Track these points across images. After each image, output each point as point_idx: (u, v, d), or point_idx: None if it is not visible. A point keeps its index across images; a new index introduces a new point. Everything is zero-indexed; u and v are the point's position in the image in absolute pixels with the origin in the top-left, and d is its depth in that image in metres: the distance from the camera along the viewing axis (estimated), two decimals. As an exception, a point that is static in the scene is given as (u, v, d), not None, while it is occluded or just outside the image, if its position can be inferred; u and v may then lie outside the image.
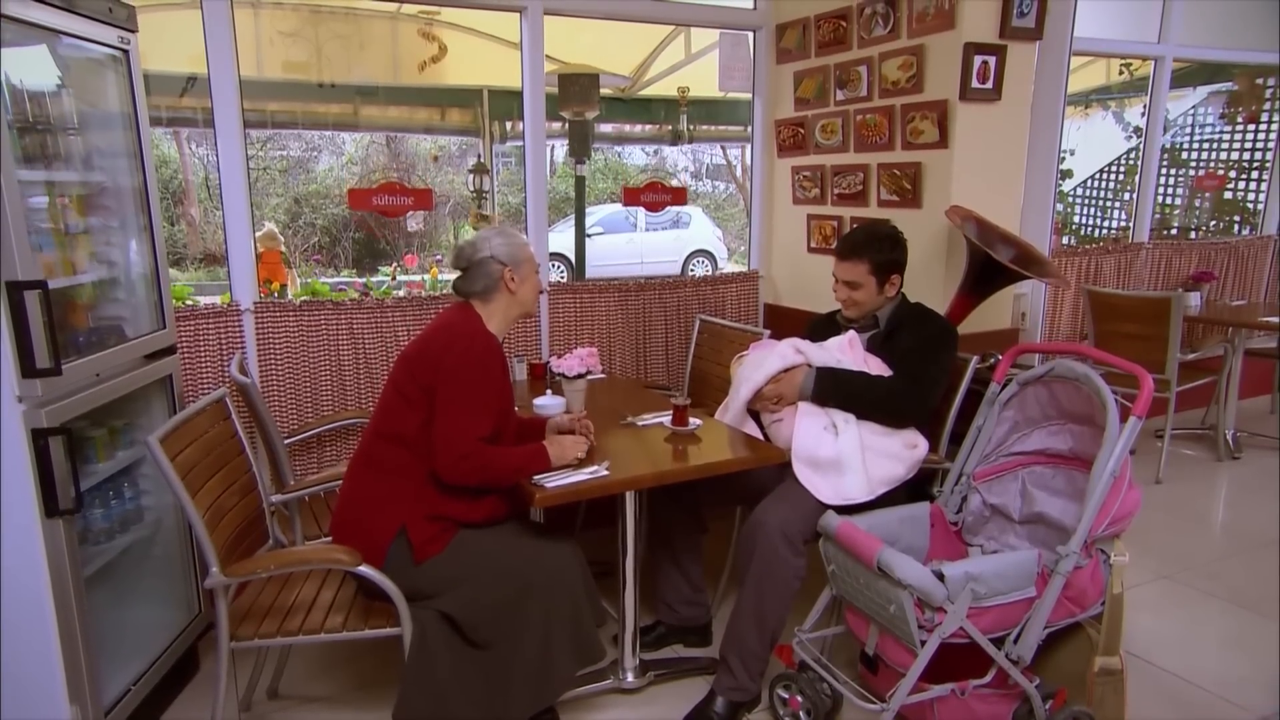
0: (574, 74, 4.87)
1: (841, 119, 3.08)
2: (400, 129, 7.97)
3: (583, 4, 3.13)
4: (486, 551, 1.99)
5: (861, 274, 2.35)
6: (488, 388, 1.97)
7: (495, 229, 2.11)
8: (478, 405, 1.94)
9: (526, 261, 2.08)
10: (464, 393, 1.92)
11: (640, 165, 14.43)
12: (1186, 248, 4.52)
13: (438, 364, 1.93)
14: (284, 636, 1.89)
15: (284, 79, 5.33)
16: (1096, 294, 3.92)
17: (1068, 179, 6.41)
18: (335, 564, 1.94)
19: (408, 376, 1.98)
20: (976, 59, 2.62)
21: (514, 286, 2.08)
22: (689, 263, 10.67)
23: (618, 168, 13.18)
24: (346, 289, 5.40)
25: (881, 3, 2.85)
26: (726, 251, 11.33)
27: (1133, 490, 2.06)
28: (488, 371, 1.97)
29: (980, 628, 1.92)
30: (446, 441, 1.89)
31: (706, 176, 15.82)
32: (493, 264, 2.05)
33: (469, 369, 1.94)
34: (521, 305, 2.12)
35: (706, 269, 11.13)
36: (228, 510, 1.96)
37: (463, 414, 1.91)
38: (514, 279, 2.07)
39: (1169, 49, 4.09)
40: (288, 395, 2.85)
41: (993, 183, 2.77)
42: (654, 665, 2.46)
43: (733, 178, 13.27)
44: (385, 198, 2.96)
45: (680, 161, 15.06)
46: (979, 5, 2.63)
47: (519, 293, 2.09)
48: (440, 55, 4.98)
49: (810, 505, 2.20)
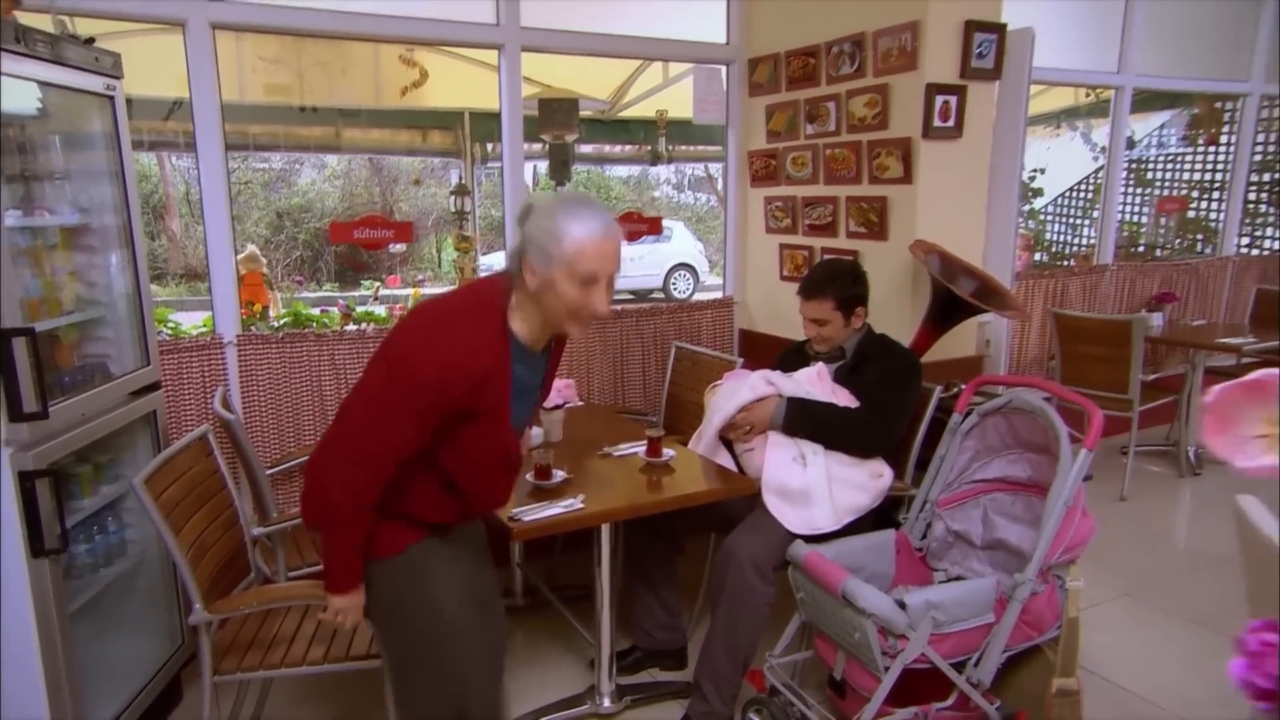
0: (554, 98, 4.95)
1: (811, 152, 3.18)
2: (382, 151, 8.02)
3: (559, 41, 3.21)
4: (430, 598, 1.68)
5: (827, 311, 2.44)
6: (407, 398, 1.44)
7: (557, 199, 1.50)
8: (385, 414, 1.46)
9: (559, 261, 1.43)
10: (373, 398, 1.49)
11: (623, 178, 14.54)
12: (1150, 269, 4.65)
13: (392, 342, 1.52)
14: (266, 670, 1.94)
15: (266, 102, 5.38)
16: (1062, 317, 4.04)
17: (1039, 197, 6.55)
18: (315, 599, 1.98)
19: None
20: (938, 98, 2.72)
21: (531, 282, 1.48)
22: (670, 276, 10.78)
23: (600, 182, 13.28)
24: (330, 310, 5.43)
25: (848, 42, 2.94)
26: (708, 264, 11.44)
27: (1086, 518, 2.15)
28: (416, 387, 1.44)
29: (941, 653, 2.00)
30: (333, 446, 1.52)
31: (689, 188, 15.96)
32: (521, 241, 1.50)
33: (383, 364, 1.49)
34: (543, 313, 1.51)
35: (688, 282, 11.23)
36: (211, 545, 2.01)
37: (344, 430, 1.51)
38: (533, 273, 1.47)
39: (1128, 79, 4.23)
40: (270, 425, 2.90)
41: (956, 216, 2.87)
42: (630, 690, 2.52)
43: (714, 190, 13.40)
44: (366, 231, 3.02)
45: (663, 174, 15.19)
46: (940, 47, 2.73)
47: (540, 296, 1.48)
48: (421, 80, 5.04)
49: (780, 534, 2.27)
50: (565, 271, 1.44)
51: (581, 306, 1.47)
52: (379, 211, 12.47)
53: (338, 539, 1.57)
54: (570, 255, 1.43)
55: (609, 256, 1.47)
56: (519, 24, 3.06)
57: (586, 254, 1.43)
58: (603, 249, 1.45)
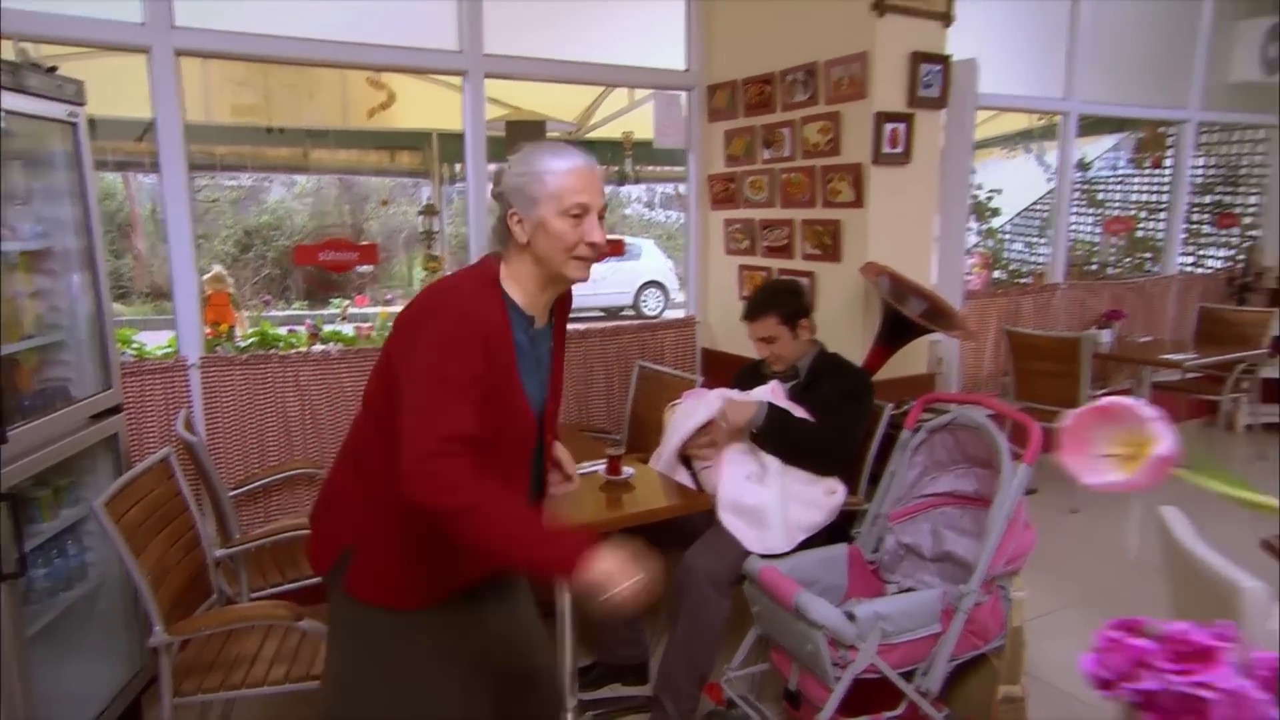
0: (521, 121, 5.03)
1: (768, 176, 3.27)
2: (351, 171, 8.03)
3: (522, 68, 3.28)
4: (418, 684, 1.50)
5: (772, 327, 2.53)
6: (456, 362, 1.35)
7: (529, 146, 1.47)
8: (445, 386, 1.34)
9: (546, 199, 1.39)
10: (424, 369, 1.35)
11: (594, 196, 14.64)
12: (1099, 288, 4.81)
13: (400, 325, 1.44)
14: (227, 690, 1.95)
15: (233, 123, 5.39)
16: (1015, 334, 4.17)
17: (996, 216, 6.74)
18: (275, 619, 2.01)
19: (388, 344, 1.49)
20: (887, 126, 2.83)
21: (522, 234, 1.42)
22: (641, 293, 10.87)
23: (571, 200, 13.35)
24: (297, 330, 5.44)
25: (802, 71, 3.05)
26: (678, 282, 11.55)
27: (1027, 531, 2.24)
28: (453, 340, 1.36)
29: (890, 663, 2.07)
30: (410, 436, 1.31)
31: (660, 206, 16.10)
32: (501, 202, 1.45)
33: (428, 334, 1.36)
34: (542, 263, 1.44)
35: (659, 299, 11.32)
36: (172, 567, 2.03)
37: (424, 398, 1.33)
38: (521, 224, 1.42)
39: (1074, 105, 4.39)
40: (234, 447, 2.91)
41: (905, 239, 2.97)
42: (592, 705, 2.56)
43: (685, 208, 13.53)
44: (331, 253, 3.05)
45: (634, 192, 15.32)
46: (887, 77, 2.84)
47: (534, 244, 1.42)
48: (389, 102, 5.09)
49: (736, 550, 2.33)
50: (554, 207, 1.39)
51: (577, 241, 1.42)
52: (349, 230, 12.44)
53: (499, 519, 1.30)
54: (556, 190, 1.39)
55: (595, 186, 1.43)
56: (482, 51, 3.13)
57: (572, 186, 1.39)
58: (587, 178, 1.42)
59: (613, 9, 3.51)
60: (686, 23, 3.55)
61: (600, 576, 1.24)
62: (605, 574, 1.25)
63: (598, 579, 1.24)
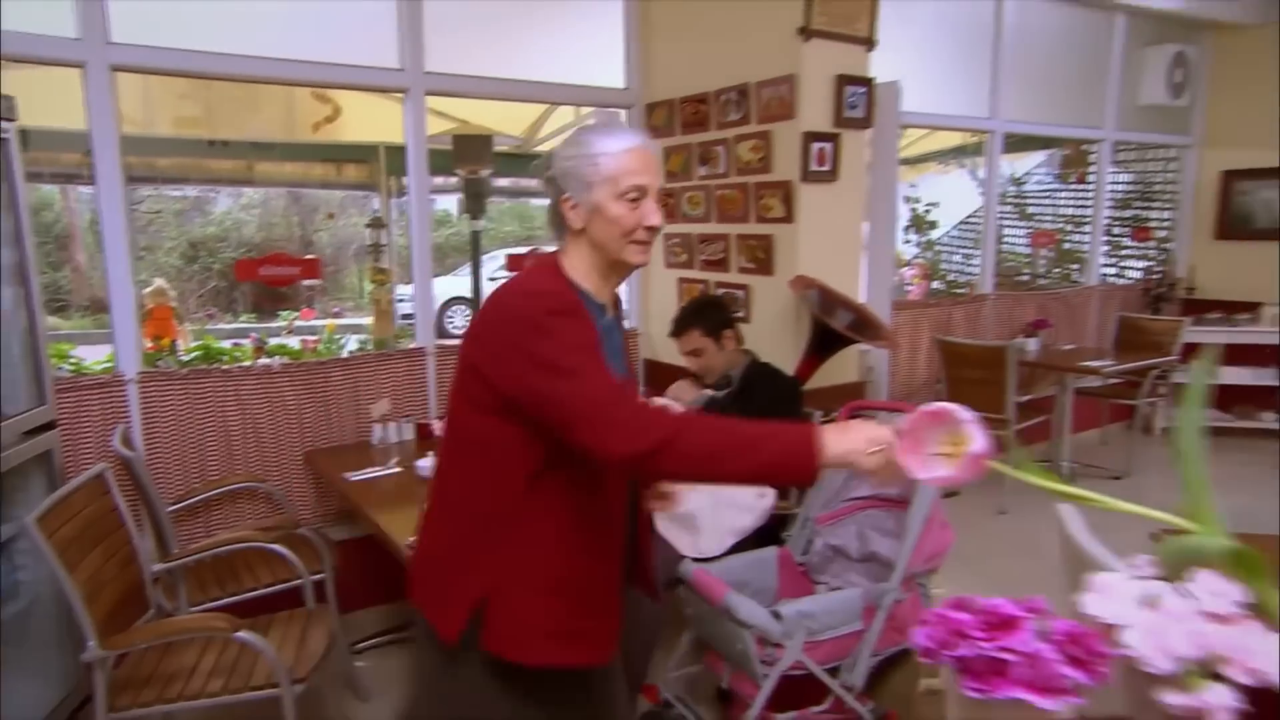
0: (468, 135, 5.08)
1: (704, 192, 3.38)
2: (297, 184, 7.98)
3: (463, 86, 3.35)
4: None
5: (697, 340, 2.64)
6: (575, 331, 1.30)
7: (580, 127, 1.42)
8: (585, 352, 1.29)
9: (601, 183, 1.33)
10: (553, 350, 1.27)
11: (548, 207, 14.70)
12: (1026, 298, 5.03)
13: (484, 340, 1.38)
14: (163, 704, 1.97)
15: (175, 135, 5.34)
16: (945, 343, 4.34)
17: (934, 229, 6.97)
18: (211, 631, 2.03)
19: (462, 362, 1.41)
20: (814, 145, 2.96)
21: (576, 220, 1.37)
22: (594, 304, 10.94)
23: (525, 213, 13.38)
24: (242, 344, 5.38)
25: (734, 91, 3.17)
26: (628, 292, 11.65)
27: (945, 530, 2.36)
28: (560, 317, 1.30)
29: (816, 659, 2.17)
30: (577, 405, 1.23)
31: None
32: (552, 187, 1.40)
33: (531, 325, 1.29)
34: (600, 249, 1.38)
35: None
36: (107, 582, 2.03)
37: (568, 370, 1.25)
38: (576, 209, 1.36)
39: (999, 124, 4.61)
40: (174, 462, 2.90)
41: (834, 252, 3.10)
42: (533, 710, 2.61)
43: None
44: (272, 268, 3.07)
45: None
46: (815, 98, 2.97)
47: (590, 229, 1.36)
48: (334, 116, 5.10)
49: (669, 554, 2.41)
50: (610, 191, 1.33)
51: (636, 225, 1.35)
52: (298, 242, 12.28)
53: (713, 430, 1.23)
54: (612, 172, 1.32)
55: (652, 166, 1.37)
56: (423, 69, 3.19)
57: (628, 167, 1.33)
58: (644, 158, 1.35)
59: (554, 29, 3.59)
60: (625, 43, 3.65)
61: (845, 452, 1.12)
62: (849, 450, 1.11)
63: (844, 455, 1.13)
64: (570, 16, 3.63)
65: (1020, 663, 0.69)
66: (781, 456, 1.17)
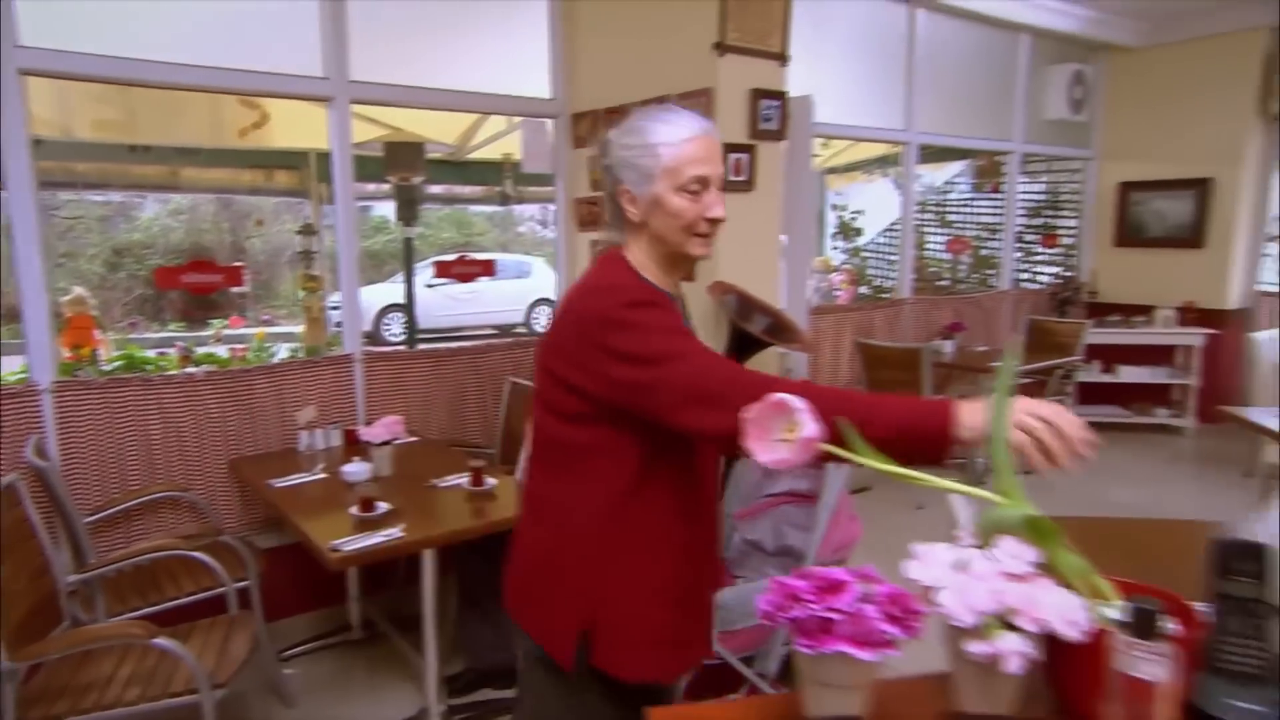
0: (399, 142, 5.09)
1: (629, 201, 3.48)
2: (225, 191, 7.82)
3: (388, 95, 3.38)
4: None
5: None
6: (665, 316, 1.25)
7: (638, 113, 1.34)
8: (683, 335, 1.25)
9: (661, 174, 1.26)
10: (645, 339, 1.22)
11: (487, 215, 14.66)
12: (942, 302, 5.27)
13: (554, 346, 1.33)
14: (76, 716, 1.95)
15: (94, 140, 5.22)
16: (865, 345, 4.52)
17: (859, 236, 7.22)
18: (128, 638, 2.03)
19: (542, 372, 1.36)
20: (731, 156, 3.07)
21: (635, 212, 1.31)
22: (532, 311, 10.97)
23: (462, 219, 13.34)
24: (168, 353, 5.28)
25: (655, 103, 3.27)
26: (570, 299, 11.68)
27: (852, 522, 2.49)
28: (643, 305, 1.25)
29: (731, 649, 2.27)
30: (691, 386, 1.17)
31: (553, 225, 16.26)
32: (609, 176, 1.34)
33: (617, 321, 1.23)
34: (660, 241, 1.32)
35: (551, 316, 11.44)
36: (19, 594, 2.02)
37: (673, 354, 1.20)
38: (634, 201, 1.30)
39: (914, 135, 4.83)
40: (92, 472, 2.86)
41: (752, 260, 3.23)
42: (461, 710, 2.66)
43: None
44: (194, 275, 3.05)
45: (528, 210, 15.42)
46: (732, 111, 3.09)
47: (650, 222, 1.30)
48: (262, 122, 5.05)
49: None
50: (671, 182, 1.26)
51: (697, 217, 1.28)
52: (229, 249, 12.01)
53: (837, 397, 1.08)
54: (673, 162, 1.26)
55: (715, 155, 1.30)
56: (347, 78, 3.21)
57: (690, 157, 1.26)
58: (706, 147, 1.28)
59: (481, 40, 3.64)
60: (551, 54, 3.73)
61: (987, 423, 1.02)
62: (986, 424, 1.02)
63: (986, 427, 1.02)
64: (497, 28, 3.69)
65: (844, 621, 0.79)
66: (911, 420, 1.07)
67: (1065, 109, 5.36)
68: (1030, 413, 0.99)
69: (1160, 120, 5.57)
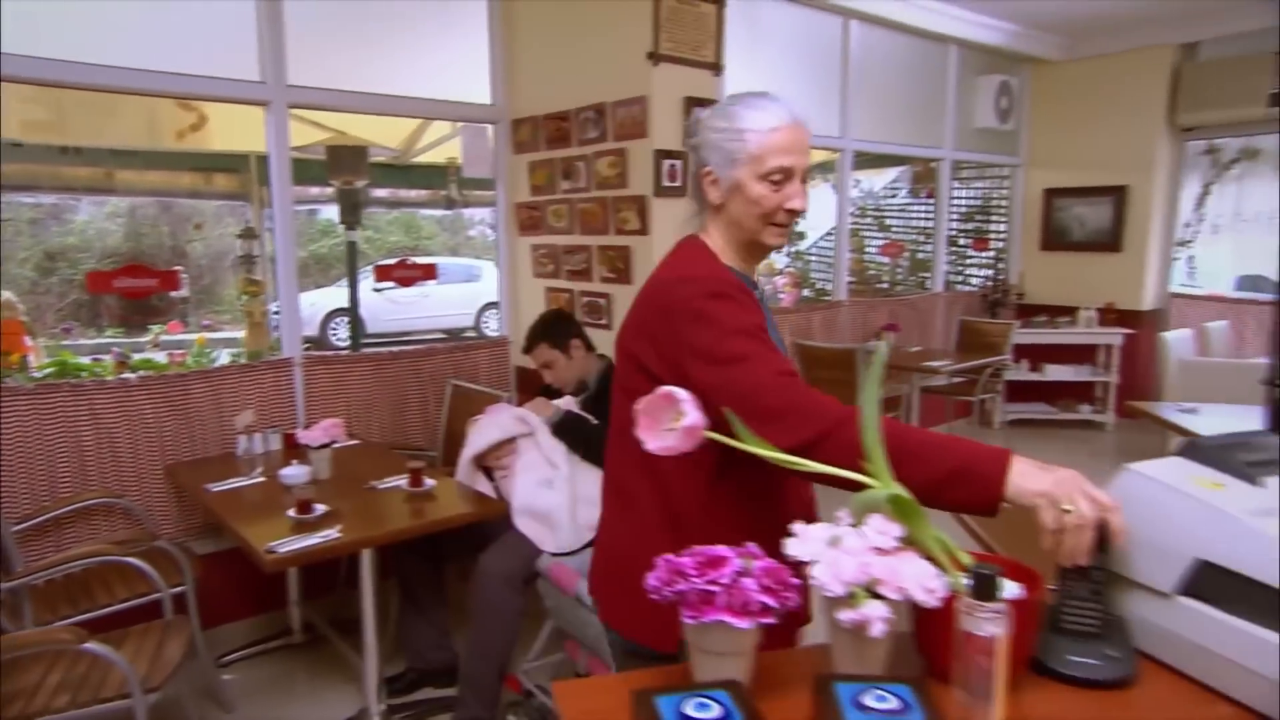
0: (342, 146, 5.07)
1: (568, 205, 3.54)
2: (162, 194, 7.66)
3: (327, 100, 3.39)
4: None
5: (545, 354, 2.81)
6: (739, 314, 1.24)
7: (728, 99, 1.34)
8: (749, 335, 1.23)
9: (745, 160, 1.27)
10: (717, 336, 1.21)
11: (437, 218, 14.55)
12: (878, 304, 5.44)
13: (635, 330, 1.34)
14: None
15: (24, 141, 5.10)
16: (803, 346, 4.66)
17: (803, 240, 7.39)
18: (55, 644, 2.02)
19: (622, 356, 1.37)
20: (665, 162, 3.16)
21: (715, 195, 1.32)
22: (482, 315, 10.94)
23: (412, 223, 13.22)
24: (104, 359, 5.17)
25: (592, 110, 3.35)
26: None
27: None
28: (720, 298, 1.24)
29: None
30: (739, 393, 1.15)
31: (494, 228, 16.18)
32: (695, 155, 1.35)
33: (692, 311, 1.23)
34: (736, 227, 1.33)
35: (500, 320, 11.42)
36: (-59, 603, 2.00)
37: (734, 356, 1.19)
38: (716, 183, 1.32)
39: (848, 142, 4.98)
40: (20, 479, 2.82)
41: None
42: (401, 709, 2.69)
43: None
44: (127, 280, 3.02)
45: (479, 214, 15.34)
46: (664, 119, 3.18)
47: (728, 206, 1.31)
48: (200, 124, 5.00)
49: (529, 550, 2.55)
50: (754, 170, 1.27)
51: (775, 208, 1.29)
52: (169, 252, 11.72)
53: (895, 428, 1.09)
54: (758, 150, 1.26)
55: (802, 146, 1.29)
56: (285, 82, 3.21)
57: (776, 146, 1.26)
58: (794, 137, 1.28)
59: (423, 45, 3.67)
60: (491, 60, 3.77)
61: (1037, 491, 0.99)
62: (1042, 490, 0.99)
63: (1035, 493, 0.99)
64: (439, 34, 3.72)
65: (723, 593, 0.87)
66: (960, 471, 1.03)
67: (993, 118, 5.58)
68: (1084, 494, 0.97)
69: (1080, 130, 5.84)
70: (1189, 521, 0.94)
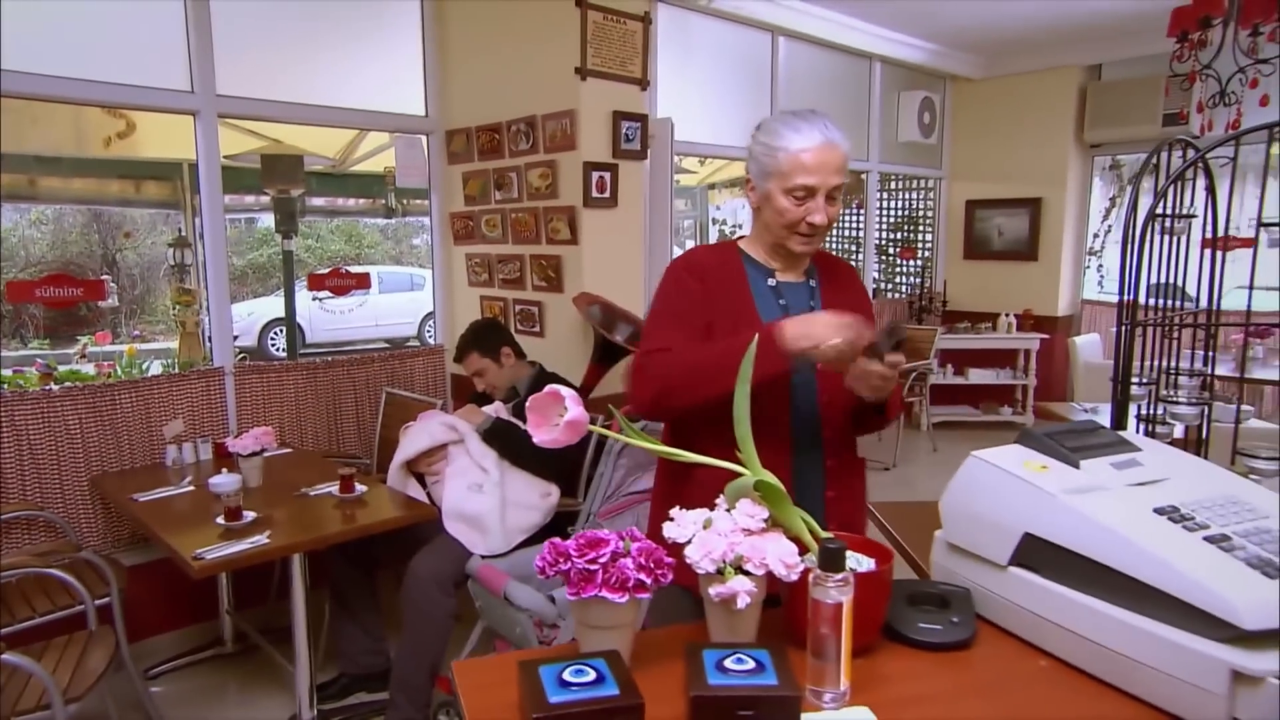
0: (277, 154, 5.05)
1: (501, 215, 3.61)
2: (89, 202, 7.47)
3: (257, 110, 3.40)
4: None
5: (476, 362, 2.89)
6: (667, 298, 1.52)
7: (782, 114, 1.51)
8: (656, 318, 1.52)
9: (775, 175, 1.44)
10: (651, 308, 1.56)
11: (380, 227, 14.40)
12: (810, 310, 5.60)
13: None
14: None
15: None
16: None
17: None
18: (-24, 653, 2.01)
19: None
20: (594, 174, 3.26)
21: (753, 198, 1.52)
22: (425, 323, 10.88)
23: (354, 231, 13.07)
24: (27, 370, 5.03)
25: (523, 122, 3.43)
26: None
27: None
28: (666, 282, 1.53)
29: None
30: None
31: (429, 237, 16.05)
32: (748, 163, 1.53)
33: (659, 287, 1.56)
34: (767, 229, 1.51)
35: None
36: None
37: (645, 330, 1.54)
38: (753, 190, 1.51)
39: (778, 156, 5.14)
40: (-65, 494, 2.77)
41: (616, 271, 3.42)
42: (333, 713, 2.71)
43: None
44: (50, 289, 2.99)
45: (424, 222, 15.22)
46: (594, 132, 3.28)
47: (761, 211, 1.51)
48: (128, 131, 4.92)
49: (459, 553, 2.60)
50: (781, 184, 1.43)
51: (798, 220, 1.44)
52: (99, 261, 11.39)
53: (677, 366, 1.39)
54: (786, 167, 1.42)
55: (829, 166, 1.42)
56: (214, 92, 3.22)
57: (801, 166, 1.41)
58: (821, 158, 1.42)
59: (356, 57, 3.69)
60: (424, 72, 3.83)
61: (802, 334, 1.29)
62: (806, 333, 1.29)
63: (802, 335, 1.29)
64: (373, 46, 3.76)
65: (599, 569, 0.96)
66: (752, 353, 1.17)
67: (916, 132, 5.82)
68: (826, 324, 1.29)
69: (998, 144, 6.14)
70: (1018, 500, 1.07)
